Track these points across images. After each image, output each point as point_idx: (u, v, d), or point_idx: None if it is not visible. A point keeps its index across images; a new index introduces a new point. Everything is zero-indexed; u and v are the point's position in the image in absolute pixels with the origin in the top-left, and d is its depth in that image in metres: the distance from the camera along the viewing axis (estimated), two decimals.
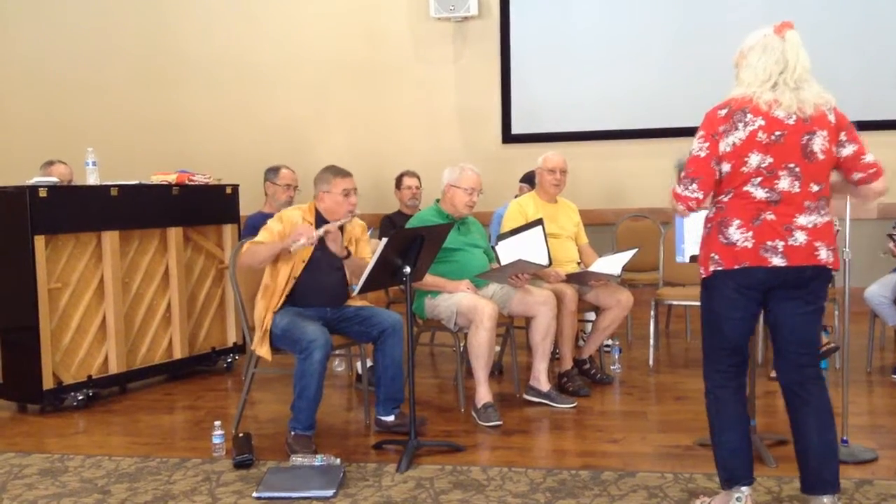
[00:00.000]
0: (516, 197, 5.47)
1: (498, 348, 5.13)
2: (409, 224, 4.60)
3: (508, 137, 7.28)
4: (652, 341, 5.24)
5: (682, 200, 2.74)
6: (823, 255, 2.71)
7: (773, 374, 4.74)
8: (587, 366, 4.85)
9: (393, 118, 7.42)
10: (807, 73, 2.71)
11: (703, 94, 6.60)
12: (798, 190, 2.69)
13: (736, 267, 2.71)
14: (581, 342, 5.08)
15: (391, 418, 3.99)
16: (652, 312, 5.22)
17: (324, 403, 4.45)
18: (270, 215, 4.75)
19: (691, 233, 4.12)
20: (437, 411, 4.36)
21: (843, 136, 2.74)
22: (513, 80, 7.22)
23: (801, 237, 2.69)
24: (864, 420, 4.01)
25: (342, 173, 3.97)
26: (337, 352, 4.70)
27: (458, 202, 4.45)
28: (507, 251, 4.38)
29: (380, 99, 7.43)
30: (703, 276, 2.80)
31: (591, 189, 6.77)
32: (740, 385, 2.87)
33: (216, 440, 3.73)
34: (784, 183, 2.68)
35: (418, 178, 5.95)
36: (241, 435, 3.71)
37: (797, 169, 2.68)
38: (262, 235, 3.91)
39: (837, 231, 4.31)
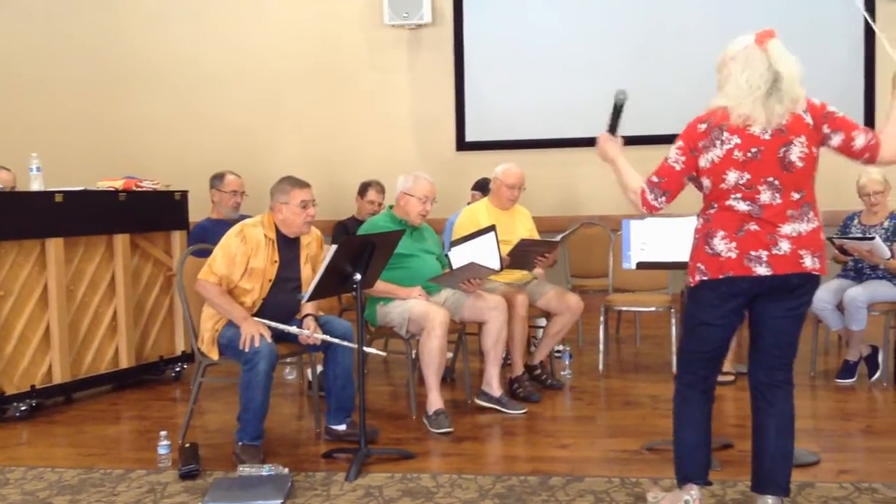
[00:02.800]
0: (469, 204, 5.49)
1: (451, 355, 5.14)
2: (362, 230, 4.59)
3: (462, 145, 7.30)
4: (602, 347, 5.29)
5: (647, 206, 2.79)
6: (808, 262, 2.73)
7: (720, 378, 4.84)
8: (538, 371, 4.88)
9: (347, 125, 7.40)
10: (797, 80, 2.68)
11: (658, 102, 6.74)
12: (780, 201, 2.71)
13: (720, 276, 2.74)
14: (532, 348, 5.11)
15: (342, 427, 3.96)
16: (602, 318, 5.27)
17: (274, 412, 4.44)
18: (219, 222, 4.75)
19: (637, 240, 4.19)
20: (389, 419, 4.35)
21: (826, 129, 2.73)
22: (467, 88, 7.25)
23: (785, 246, 2.71)
24: (807, 424, 4.08)
25: (300, 184, 3.90)
26: (288, 360, 4.70)
27: (411, 210, 4.45)
28: (460, 258, 4.39)
29: (334, 105, 7.41)
30: (690, 285, 2.84)
31: (544, 196, 6.81)
32: (708, 388, 2.92)
33: (162, 451, 3.67)
34: (765, 196, 2.70)
35: (384, 192, 5.89)
36: (187, 445, 3.65)
37: (776, 182, 2.70)
38: (221, 264, 3.77)
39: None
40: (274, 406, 4.52)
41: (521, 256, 4.67)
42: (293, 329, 3.80)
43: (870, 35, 6.61)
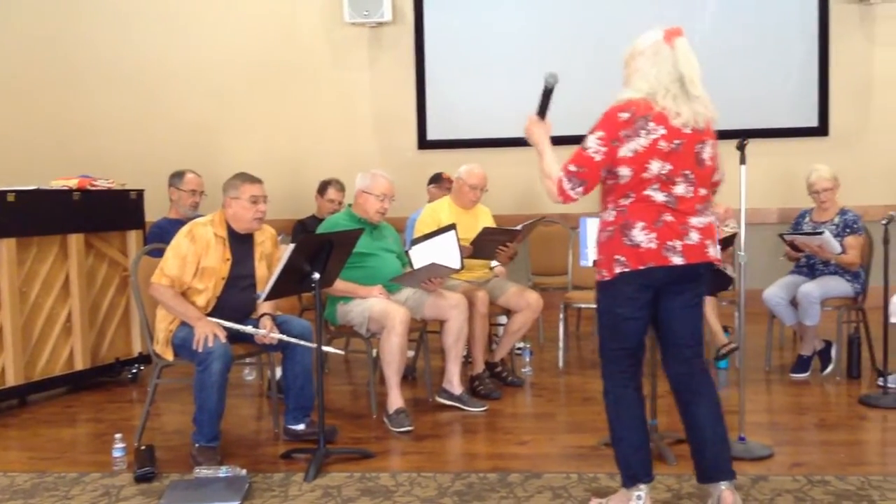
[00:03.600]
0: (428, 201, 5.50)
1: (412, 353, 5.14)
2: (321, 229, 4.56)
3: (424, 143, 7.30)
4: (562, 343, 5.33)
5: (564, 196, 2.78)
6: (712, 251, 2.85)
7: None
8: (499, 368, 4.90)
9: (308, 123, 7.36)
10: (699, 82, 2.79)
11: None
12: (691, 195, 2.81)
13: (641, 267, 2.78)
14: (494, 346, 5.13)
15: (301, 427, 3.94)
16: (562, 315, 5.31)
17: (233, 413, 4.41)
18: (176, 222, 4.68)
19: (595, 238, 4.20)
20: (350, 418, 4.33)
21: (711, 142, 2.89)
22: (428, 86, 7.25)
23: (694, 236, 2.80)
24: (761, 417, 4.16)
25: (251, 179, 3.89)
26: (247, 360, 4.66)
27: (369, 208, 4.44)
28: (421, 256, 4.39)
29: (295, 104, 7.36)
30: (606, 278, 2.84)
31: (505, 194, 6.83)
32: (639, 384, 2.94)
33: (117, 453, 3.62)
34: (680, 188, 2.79)
35: (344, 191, 5.86)
36: (143, 447, 3.61)
37: (691, 175, 2.80)
38: (172, 266, 3.74)
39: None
40: (232, 407, 4.51)
41: (483, 245, 4.69)
42: (249, 329, 3.77)
43: (825, 36, 6.73)
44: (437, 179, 5.95)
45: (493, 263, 5.00)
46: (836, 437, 3.87)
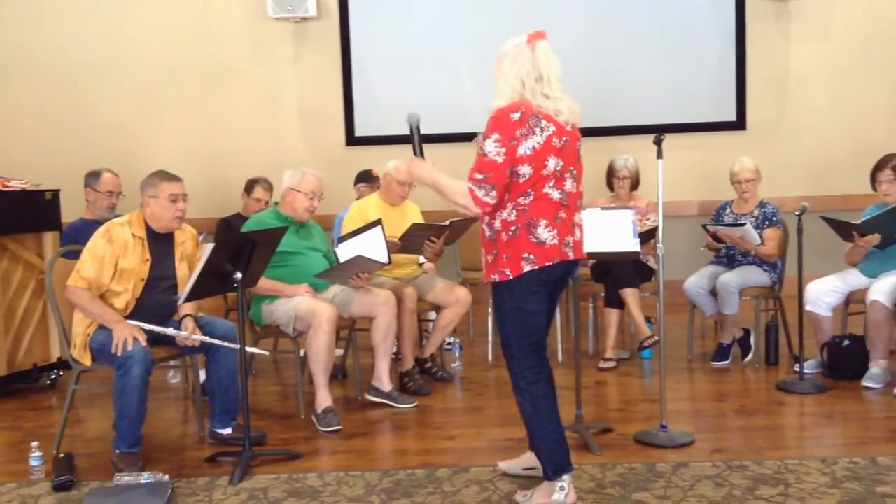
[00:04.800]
0: (357, 199, 5.46)
1: (341, 352, 5.11)
2: (246, 227, 4.50)
3: (352, 139, 7.25)
4: (491, 337, 5.36)
5: (480, 204, 2.83)
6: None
7: (603, 364, 5.00)
8: (428, 364, 4.91)
9: (232, 120, 7.22)
10: (558, 83, 2.89)
11: None
12: (576, 191, 2.97)
13: (548, 264, 2.86)
14: (424, 342, 5.13)
15: (227, 431, 3.89)
16: (490, 309, 5.33)
17: (157, 417, 4.32)
18: (92, 223, 4.55)
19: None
20: (278, 419, 4.29)
21: None
22: (355, 82, 7.19)
23: (578, 233, 2.98)
24: (683, 405, 4.26)
25: (170, 177, 3.81)
26: (171, 364, 4.56)
27: (298, 206, 4.39)
28: (348, 253, 4.36)
29: (218, 100, 7.21)
30: (510, 277, 2.88)
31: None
32: (549, 376, 3.02)
33: (34, 462, 3.51)
34: (568, 185, 2.93)
35: (272, 189, 5.77)
36: (61, 455, 3.51)
37: (575, 171, 2.97)
38: (89, 268, 3.63)
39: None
40: (157, 411, 4.42)
41: (412, 241, 4.68)
42: (169, 331, 3.69)
43: (742, 32, 6.92)
44: (368, 178, 5.89)
45: (422, 259, 5.01)
46: (754, 422, 3.99)
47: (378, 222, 4.52)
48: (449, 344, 5.27)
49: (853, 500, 3.02)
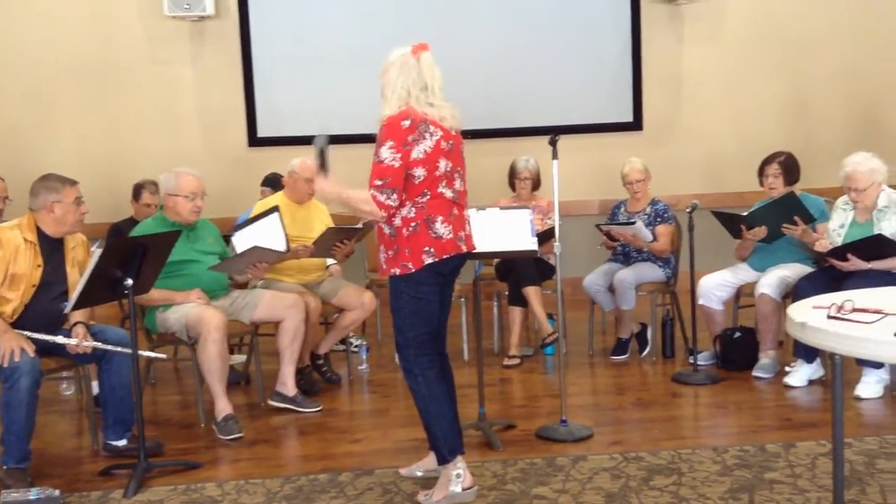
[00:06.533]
0: (260, 201, 5.36)
1: (242, 358, 5.02)
2: (132, 235, 4.34)
3: (255, 140, 7.11)
4: None
5: (385, 208, 3.01)
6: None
7: (507, 361, 5.06)
8: (321, 362, 4.85)
9: (128, 121, 6.97)
10: (440, 92, 3.08)
11: (451, 99, 6.83)
12: (463, 189, 3.19)
13: (445, 257, 3.07)
14: None
15: (122, 443, 3.77)
16: None
17: (49, 430, 4.16)
18: None
19: None
20: (178, 428, 4.18)
21: None
22: (256, 82, 7.05)
23: (468, 228, 3.22)
24: (584, 400, 4.35)
25: (70, 181, 3.72)
26: (64, 374, 4.39)
27: (181, 210, 4.23)
28: (244, 243, 4.27)
29: (113, 101, 6.95)
30: (411, 270, 3.04)
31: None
32: (442, 365, 3.20)
33: None
34: (457, 184, 3.16)
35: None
36: None
37: (461, 172, 3.19)
38: None
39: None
40: (49, 424, 4.26)
41: (324, 244, 4.62)
42: (59, 339, 3.54)
43: (637, 35, 7.11)
44: (275, 184, 5.63)
45: (329, 262, 4.96)
46: (651, 414, 4.11)
47: (275, 209, 4.43)
48: (356, 347, 5.24)
49: (742, 486, 3.15)
